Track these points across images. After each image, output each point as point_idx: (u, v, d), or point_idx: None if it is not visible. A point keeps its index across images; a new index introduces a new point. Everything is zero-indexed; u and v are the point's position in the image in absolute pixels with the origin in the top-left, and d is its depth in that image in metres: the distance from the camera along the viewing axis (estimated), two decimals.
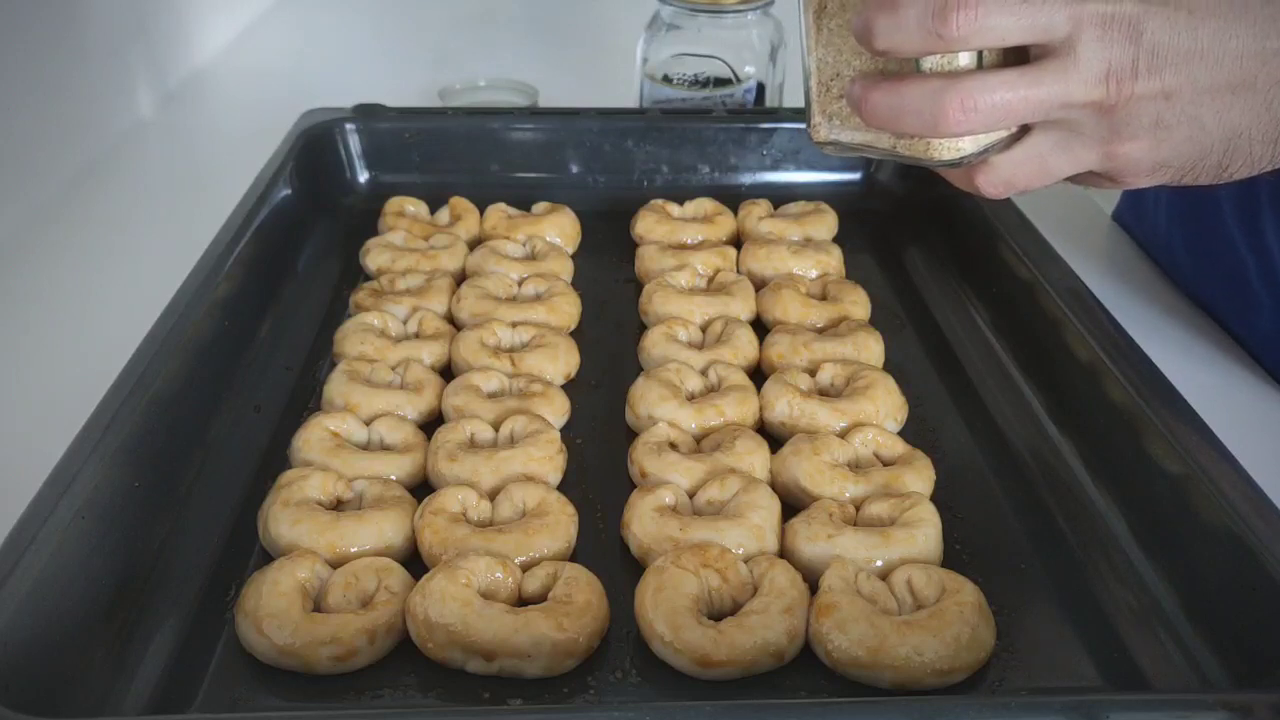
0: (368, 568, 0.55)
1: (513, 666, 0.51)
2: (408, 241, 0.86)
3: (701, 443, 0.66)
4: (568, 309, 0.79)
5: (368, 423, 0.66)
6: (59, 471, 0.54)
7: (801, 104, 0.56)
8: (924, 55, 0.50)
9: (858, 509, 0.60)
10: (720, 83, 1.00)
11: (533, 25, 1.55)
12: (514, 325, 0.76)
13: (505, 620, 0.51)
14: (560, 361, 0.73)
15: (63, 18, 1.02)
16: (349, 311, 0.79)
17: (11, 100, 0.94)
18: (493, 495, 0.61)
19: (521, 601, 0.55)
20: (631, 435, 0.68)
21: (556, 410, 0.69)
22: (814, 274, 0.83)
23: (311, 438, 0.64)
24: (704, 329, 0.77)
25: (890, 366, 0.73)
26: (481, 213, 0.89)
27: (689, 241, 0.87)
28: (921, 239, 0.91)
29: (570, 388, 0.73)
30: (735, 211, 0.90)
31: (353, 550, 0.57)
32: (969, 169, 0.54)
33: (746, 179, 0.98)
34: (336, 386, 0.68)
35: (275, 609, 0.52)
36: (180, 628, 0.54)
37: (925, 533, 0.57)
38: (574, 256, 0.87)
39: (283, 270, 0.83)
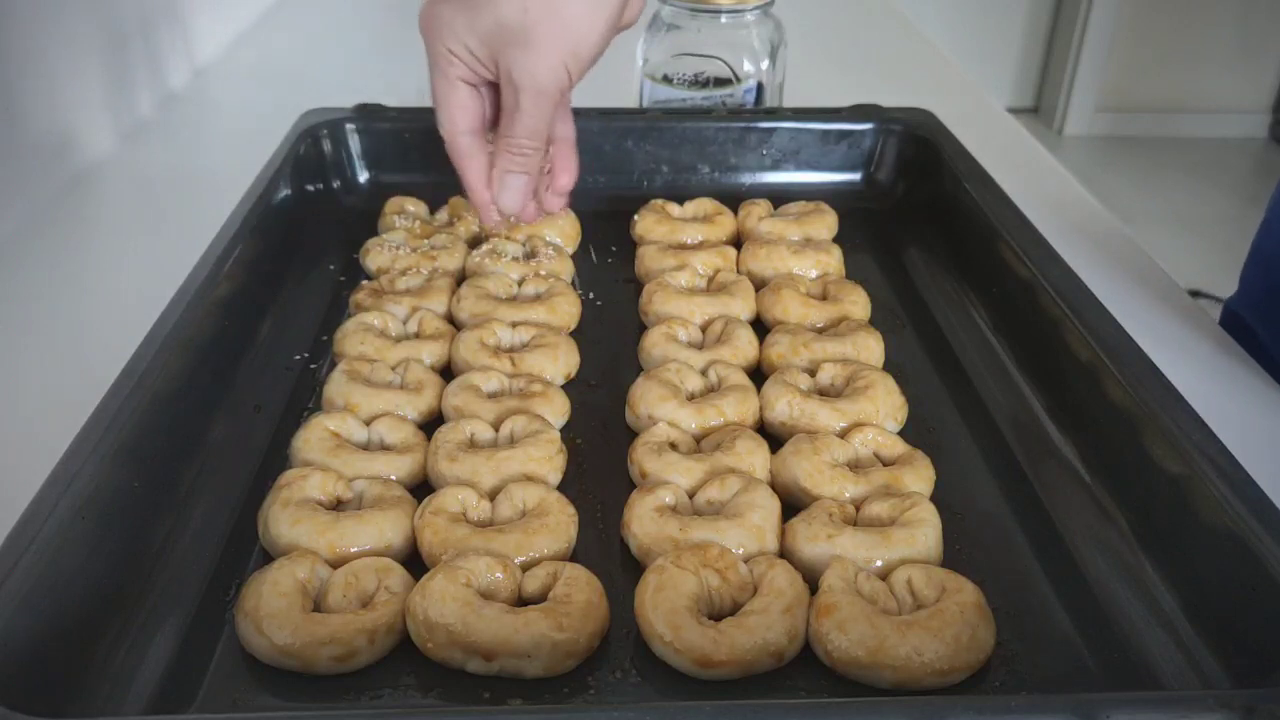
0: (368, 568, 0.55)
1: (513, 666, 0.51)
2: (408, 241, 0.86)
3: (701, 443, 0.66)
4: (568, 309, 0.78)
5: (368, 423, 0.66)
6: (59, 471, 0.54)
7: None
8: None
9: (858, 509, 0.60)
10: (720, 83, 1.00)
11: None
12: (514, 325, 0.76)
13: (505, 620, 0.51)
14: (560, 361, 0.73)
15: (63, 17, 1.02)
16: (349, 311, 0.79)
17: (12, 100, 0.94)
18: (493, 495, 0.61)
19: (521, 601, 0.55)
20: (631, 435, 0.68)
21: (556, 410, 0.69)
22: (814, 274, 0.83)
23: (311, 438, 0.64)
24: (704, 329, 0.77)
25: (890, 366, 0.73)
26: None
27: (689, 241, 0.87)
28: (921, 239, 0.90)
29: (570, 388, 0.73)
30: (735, 211, 0.90)
31: (353, 550, 0.57)
32: None
33: (746, 179, 0.98)
34: (336, 386, 0.68)
35: (275, 609, 0.52)
36: (180, 628, 0.54)
37: (925, 533, 0.57)
38: (574, 256, 0.87)
39: (283, 270, 0.83)
